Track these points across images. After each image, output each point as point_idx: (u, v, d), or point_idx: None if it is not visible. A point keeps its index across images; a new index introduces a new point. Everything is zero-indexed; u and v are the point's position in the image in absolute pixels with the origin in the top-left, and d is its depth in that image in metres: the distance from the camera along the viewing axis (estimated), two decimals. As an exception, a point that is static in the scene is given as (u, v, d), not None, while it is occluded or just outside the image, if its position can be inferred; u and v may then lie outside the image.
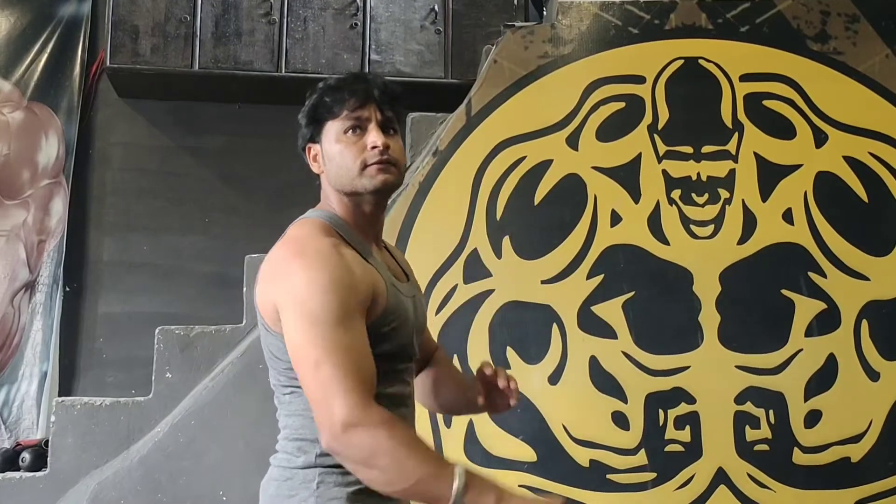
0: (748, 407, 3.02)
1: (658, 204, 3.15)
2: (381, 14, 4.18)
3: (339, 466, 1.53)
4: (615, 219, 3.13)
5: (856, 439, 3.02)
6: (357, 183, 1.64)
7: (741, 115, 3.22)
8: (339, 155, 1.65)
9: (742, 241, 3.13)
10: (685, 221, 3.14)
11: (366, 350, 1.51)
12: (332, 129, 1.67)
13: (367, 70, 4.09)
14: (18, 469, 3.14)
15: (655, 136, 3.20)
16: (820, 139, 3.22)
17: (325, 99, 1.68)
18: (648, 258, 3.11)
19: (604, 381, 3.02)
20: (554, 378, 3.01)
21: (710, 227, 3.14)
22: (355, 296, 1.53)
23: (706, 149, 3.20)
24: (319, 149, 1.69)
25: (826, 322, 3.08)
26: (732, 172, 3.18)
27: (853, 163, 3.20)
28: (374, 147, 1.63)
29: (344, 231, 1.65)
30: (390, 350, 1.60)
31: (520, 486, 2.93)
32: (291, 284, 1.53)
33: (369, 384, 1.48)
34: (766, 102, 3.24)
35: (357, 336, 1.51)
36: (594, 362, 3.03)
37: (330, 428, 1.45)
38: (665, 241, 3.12)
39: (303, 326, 1.50)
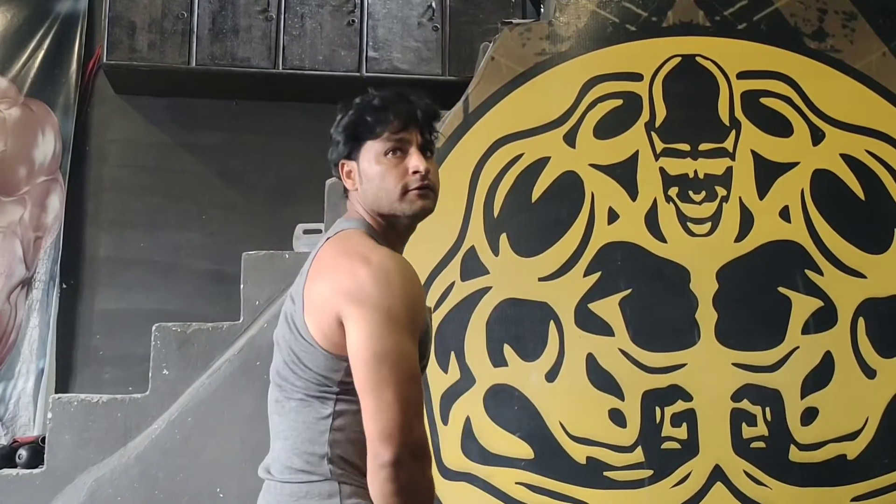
0: (745, 404, 3.03)
1: (655, 201, 3.15)
2: (379, 11, 4.18)
3: (352, 475, 1.54)
4: (612, 216, 3.14)
5: (852, 437, 3.03)
6: (396, 207, 1.63)
7: (738, 113, 3.23)
8: (378, 177, 1.63)
9: (739, 238, 3.13)
10: (682, 219, 3.14)
11: (419, 376, 1.54)
12: (372, 150, 1.64)
13: (364, 67, 4.09)
14: (15, 466, 3.13)
15: (653, 133, 3.20)
16: (817, 137, 3.22)
17: (366, 118, 1.65)
18: (645, 256, 3.11)
19: (601, 379, 3.02)
20: (551, 375, 3.01)
21: (708, 225, 3.14)
22: (417, 318, 1.54)
23: (703, 146, 3.20)
24: (355, 167, 1.67)
25: (823, 319, 3.09)
26: (729, 170, 3.18)
27: (850, 160, 3.21)
28: (415, 172, 1.62)
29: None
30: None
31: (517, 483, 2.94)
32: (380, 297, 1.50)
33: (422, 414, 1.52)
34: (764, 100, 3.24)
35: (415, 358, 1.52)
36: (591, 360, 3.03)
37: (403, 445, 1.44)
38: (662, 239, 3.13)
39: (394, 339, 1.49)
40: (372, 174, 1.64)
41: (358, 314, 1.50)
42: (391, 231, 1.67)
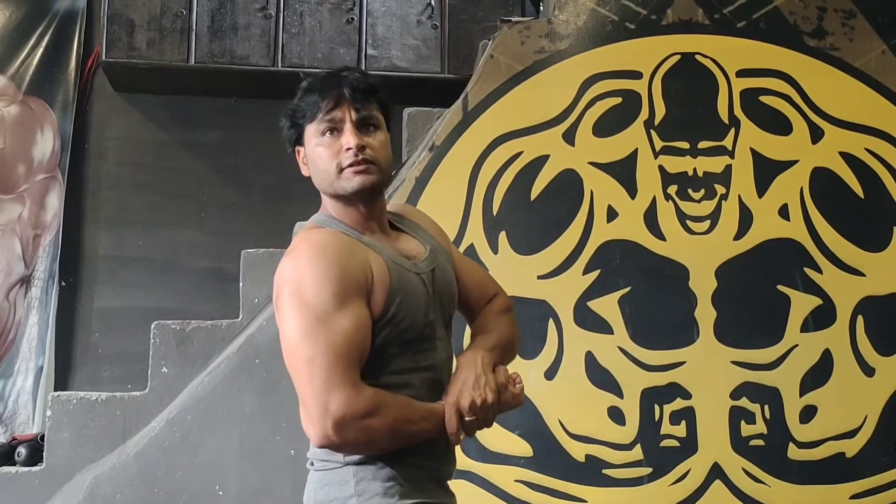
0: (744, 402, 3.03)
1: (654, 199, 3.15)
2: (378, 9, 4.17)
3: (370, 460, 1.56)
4: (611, 214, 3.14)
5: (851, 434, 3.03)
6: (337, 186, 1.64)
7: (738, 111, 3.23)
8: (318, 159, 1.66)
9: (738, 236, 3.13)
10: (681, 217, 3.14)
11: (360, 335, 1.52)
12: (311, 133, 1.67)
13: (363, 65, 4.08)
14: (14, 464, 3.14)
15: (652, 131, 3.20)
16: (816, 135, 3.22)
17: (300, 102, 1.69)
18: (645, 254, 3.11)
19: (600, 377, 3.02)
20: (550, 373, 3.01)
21: (707, 223, 3.15)
22: (351, 280, 1.54)
23: (702, 144, 3.20)
24: (303, 152, 1.71)
25: (821, 317, 3.09)
26: (729, 168, 3.18)
27: (849, 159, 3.21)
28: (348, 149, 1.62)
29: (338, 226, 1.66)
30: (400, 330, 1.60)
31: (516, 481, 2.94)
32: (284, 279, 1.57)
33: (358, 367, 1.51)
34: (763, 98, 3.24)
35: (351, 321, 1.52)
36: (590, 357, 3.03)
37: (323, 427, 1.48)
38: (661, 237, 3.13)
39: (297, 321, 1.52)
40: (314, 157, 1.67)
41: (277, 307, 1.59)
42: (352, 210, 1.67)
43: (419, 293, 1.64)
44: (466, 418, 1.57)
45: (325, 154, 1.64)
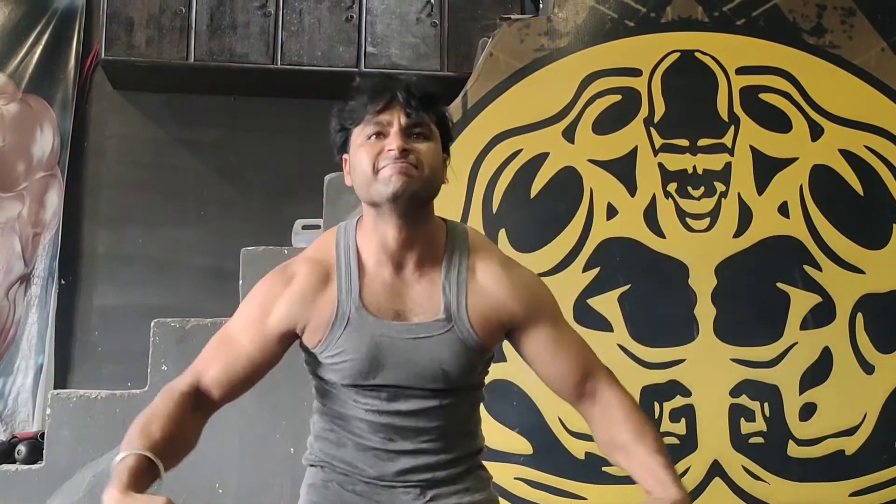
0: (743, 400, 3.03)
1: (654, 197, 3.15)
2: (377, 7, 4.17)
3: (318, 454, 1.65)
4: (611, 212, 3.14)
5: (850, 432, 3.03)
6: (373, 190, 1.50)
7: (737, 109, 3.23)
8: (358, 161, 1.52)
9: (738, 234, 3.14)
10: (681, 214, 3.14)
11: (234, 355, 1.59)
12: (357, 136, 1.54)
13: (363, 63, 4.08)
14: (14, 462, 3.14)
15: (651, 129, 3.20)
16: (816, 132, 3.22)
17: (349, 104, 1.56)
18: (644, 251, 3.12)
19: (599, 374, 3.02)
20: (550, 371, 3.01)
21: (706, 221, 3.15)
22: (261, 316, 1.58)
23: (702, 142, 3.20)
24: (348, 159, 1.58)
25: (821, 315, 3.09)
26: (728, 166, 3.18)
27: (849, 156, 3.21)
28: (389, 150, 1.48)
29: (346, 252, 1.58)
30: (335, 378, 1.58)
31: (516, 478, 2.94)
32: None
33: (208, 377, 1.62)
34: (763, 96, 3.24)
35: (236, 342, 1.59)
36: (590, 355, 3.03)
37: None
38: (661, 235, 3.13)
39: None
40: (354, 162, 1.54)
41: None
42: (383, 230, 1.54)
43: (371, 348, 1.53)
44: None
45: (364, 156, 1.51)
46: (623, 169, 3.17)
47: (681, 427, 3.01)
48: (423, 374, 1.55)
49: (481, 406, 1.74)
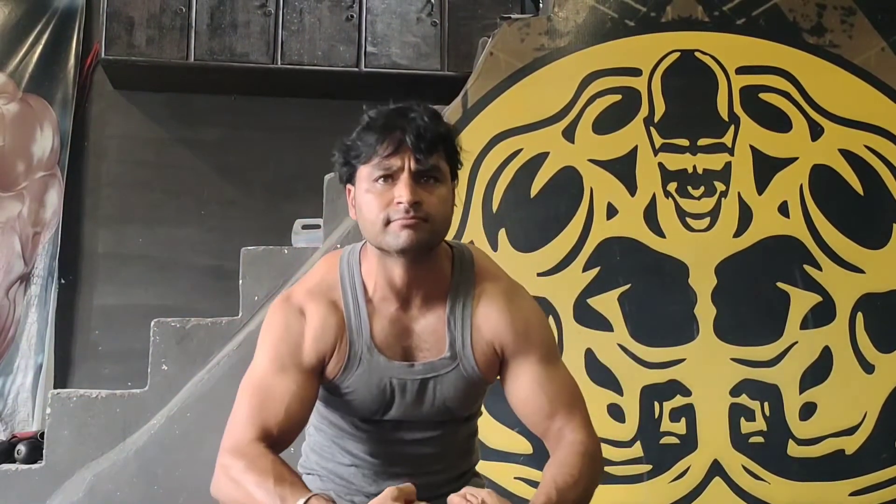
0: (743, 399, 3.03)
1: (654, 197, 3.15)
2: (377, 6, 4.17)
3: (311, 466, 1.68)
4: (611, 211, 3.14)
5: (850, 431, 3.04)
6: (381, 240, 1.48)
7: (737, 108, 3.23)
8: (366, 207, 1.48)
9: (738, 233, 3.14)
10: (681, 214, 3.15)
11: (282, 398, 1.50)
12: (364, 176, 1.49)
13: (363, 63, 4.08)
14: (14, 461, 3.13)
15: (651, 128, 3.20)
16: (816, 132, 3.22)
17: (357, 141, 1.51)
18: (644, 251, 3.12)
19: (599, 374, 3.02)
20: (550, 370, 3.01)
21: (706, 220, 3.15)
22: (294, 352, 1.53)
23: (702, 141, 3.20)
24: (354, 192, 1.54)
25: (821, 315, 3.09)
26: (728, 165, 3.18)
27: (849, 156, 3.21)
28: (399, 203, 1.45)
29: (352, 287, 1.57)
30: (341, 410, 1.61)
31: (515, 478, 2.94)
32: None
33: (269, 425, 1.48)
34: (763, 95, 3.24)
35: (280, 384, 1.51)
36: (590, 355, 3.03)
37: (222, 446, 1.49)
38: (661, 234, 3.13)
39: (254, 361, 1.57)
40: (361, 203, 1.50)
41: None
42: (390, 269, 1.53)
43: (381, 390, 1.55)
44: None
45: (373, 203, 1.47)
46: (623, 168, 3.17)
47: (681, 427, 3.01)
48: (429, 412, 1.58)
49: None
